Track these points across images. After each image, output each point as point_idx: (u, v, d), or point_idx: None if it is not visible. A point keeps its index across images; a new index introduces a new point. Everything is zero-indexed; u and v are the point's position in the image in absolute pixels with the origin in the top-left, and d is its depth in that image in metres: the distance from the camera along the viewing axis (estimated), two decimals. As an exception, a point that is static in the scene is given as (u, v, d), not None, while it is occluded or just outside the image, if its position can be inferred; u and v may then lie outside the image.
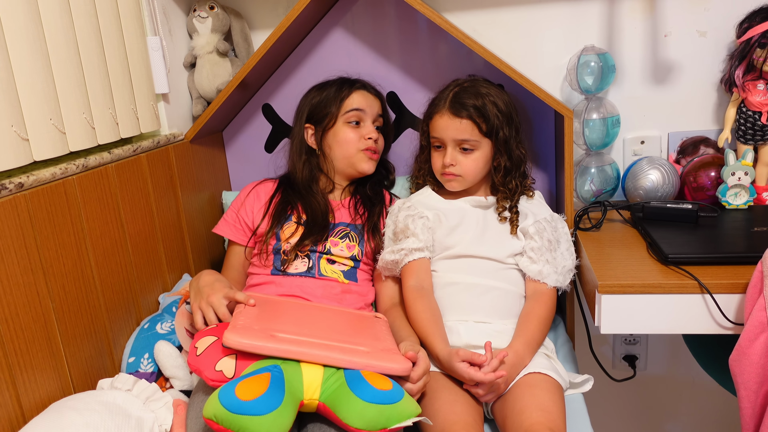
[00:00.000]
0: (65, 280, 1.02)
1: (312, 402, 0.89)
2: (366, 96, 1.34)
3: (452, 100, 1.18)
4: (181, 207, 1.39)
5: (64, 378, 1.01)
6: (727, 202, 1.32)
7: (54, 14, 1.03)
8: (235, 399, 0.80)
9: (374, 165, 1.34)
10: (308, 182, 1.34)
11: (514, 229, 1.18)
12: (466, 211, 1.22)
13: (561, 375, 1.07)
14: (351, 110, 1.31)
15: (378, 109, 1.35)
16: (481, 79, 1.23)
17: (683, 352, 1.63)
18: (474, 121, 1.16)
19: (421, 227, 1.19)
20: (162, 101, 1.38)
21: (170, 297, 1.26)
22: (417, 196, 1.28)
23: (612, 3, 1.42)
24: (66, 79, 1.06)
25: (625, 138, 1.49)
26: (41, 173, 0.98)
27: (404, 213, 1.22)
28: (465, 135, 1.17)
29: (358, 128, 1.32)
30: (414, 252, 1.18)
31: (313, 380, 0.90)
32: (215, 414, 0.80)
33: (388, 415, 0.85)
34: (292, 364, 0.91)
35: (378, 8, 1.48)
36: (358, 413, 0.85)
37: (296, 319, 1.03)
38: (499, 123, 1.17)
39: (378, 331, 1.07)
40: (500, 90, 1.22)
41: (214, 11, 1.46)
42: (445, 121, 1.18)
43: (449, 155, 1.19)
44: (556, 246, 1.18)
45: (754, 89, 1.32)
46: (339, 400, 0.87)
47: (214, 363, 0.92)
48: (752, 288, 0.99)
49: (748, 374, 1.00)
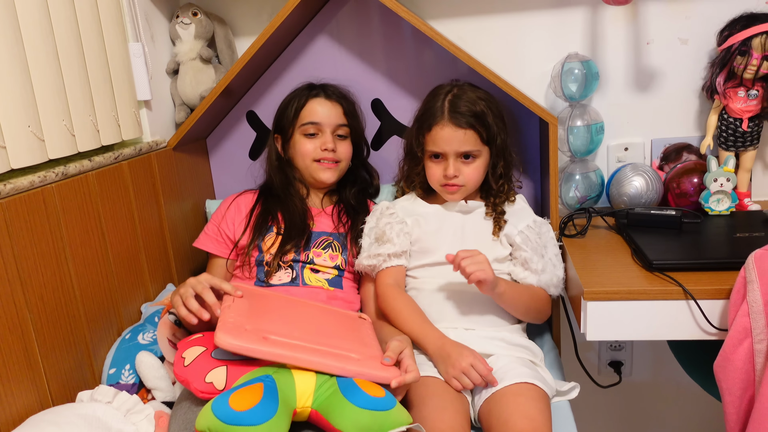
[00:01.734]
0: (43, 290, 1.00)
1: (304, 410, 0.89)
2: (324, 105, 1.31)
3: (451, 110, 1.16)
4: (164, 215, 1.38)
5: (42, 390, 0.98)
6: (709, 208, 1.33)
7: (33, 20, 1.02)
8: (229, 410, 0.79)
9: (334, 174, 1.32)
10: (285, 187, 1.35)
11: (496, 230, 1.18)
12: (446, 215, 1.22)
13: (547, 383, 1.07)
14: (306, 123, 1.31)
15: (338, 117, 1.32)
16: (466, 85, 1.23)
17: (669, 358, 1.64)
18: (476, 130, 1.16)
19: (398, 233, 1.20)
20: (144, 108, 1.36)
21: (153, 307, 1.24)
22: (402, 202, 1.27)
23: (595, 11, 1.43)
24: (45, 86, 1.04)
25: (609, 145, 1.50)
26: (19, 181, 0.96)
27: (385, 219, 1.22)
28: (468, 146, 1.16)
29: (315, 139, 1.31)
30: (391, 258, 1.19)
31: (305, 388, 0.89)
32: (209, 426, 0.79)
33: (381, 421, 0.85)
34: (283, 373, 0.90)
35: (363, 15, 1.48)
36: (352, 419, 0.84)
37: (286, 318, 1.02)
38: (497, 129, 1.18)
39: (364, 335, 1.06)
40: (488, 94, 1.22)
41: (197, 17, 1.44)
42: (447, 133, 1.16)
43: (452, 166, 1.17)
44: (544, 252, 1.18)
45: (734, 96, 1.33)
46: (332, 407, 0.86)
47: (204, 374, 0.91)
48: (735, 294, 0.99)
49: (732, 380, 1.00)
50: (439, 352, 1.06)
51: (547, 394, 1.04)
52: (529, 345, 1.15)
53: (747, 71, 1.29)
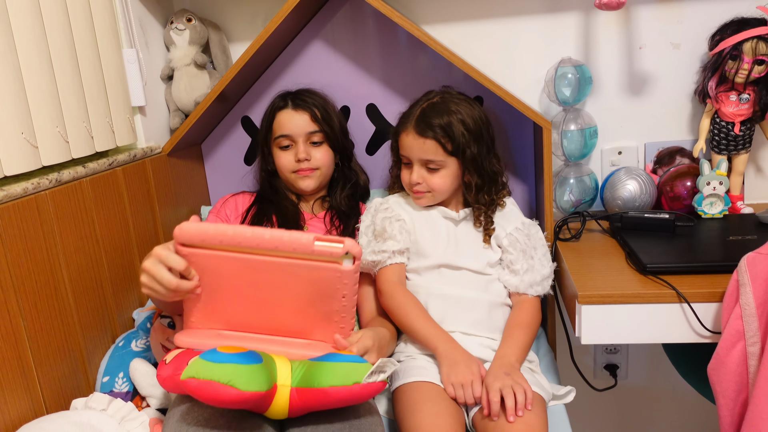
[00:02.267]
0: (37, 297, 0.99)
1: (284, 389, 0.88)
2: (291, 116, 1.31)
3: (419, 118, 1.16)
4: (159, 222, 1.37)
5: (36, 398, 0.98)
6: (703, 212, 1.34)
7: (26, 27, 1.02)
8: (217, 353, 0.81)
9: (313, 181, 1.33)
10: (275, 193, 1.37)
11: (486, 238, 1.18)
12: (437, 220, 1.22)
13: (544, 388, 1.07)
14: (277, 137, 1.32)
15: (307, 125, 1.30)
16: (454, 93, 1.21)
17: (664, 361, 1.64)
18: (438, 141, 1.14)
19: (399, 229, 1.19)
20: (138, 114, 1.36)
21: (144, 312, 1.24)
22: (394, 198, 1.27)
23: (588, 15, 1.44)
24: (39, 93, 1.04)
25: (602, 149, 1.51)
26: (12, 188, 0.96)
27: (381, 215, 1.22)
28: (429, 155, 1.15)
29: (290, 150, 1.32)
30: (395, 255, 1.18)
31: (283, 368, 0.90)
32: (196, 370, 0.79)
33: (359, 370, 0.86)
34: (263, 353, 0.91)
35: (358, 20, 1.48)
36: (329, 372, 0.86)
37: (243, 299, 0.97)
38: (465, 141, 1.15)
39: (333, 295, 0.96)
40: (472, 105, 1.19)
41: (191, 23, 1.45)
42: (410, 140, 1.17)
43: (416, 173, 1.18)
44: (533, 253, 1.18)
45: (726, 100, 1.34)
46: (310, 375, 0.87)
47: (187, 360, 0.90)
48: (728, 297, 1.00)
49: (726, 382, 1.00)
50: (449, 355, 1.06)
51: (544, 399, 1.04)
52: (526, 352, 1.15)
53: (738, 75, 1.30)
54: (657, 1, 1.41)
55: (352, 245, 0.88)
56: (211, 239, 0.88)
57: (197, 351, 0.91)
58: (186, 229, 0.88)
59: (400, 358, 1.14)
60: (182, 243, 0.89)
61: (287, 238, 0.88)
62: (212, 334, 0.96)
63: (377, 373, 0.87)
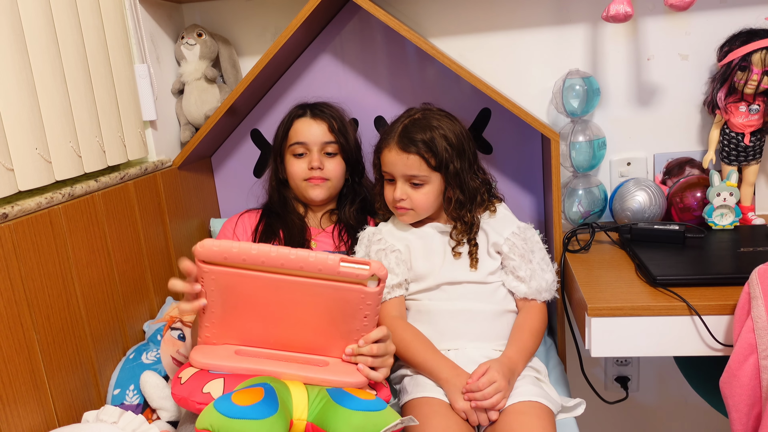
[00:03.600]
0: (50, 311, 1.00)
1: (300, 422, 0.88)
2: (309, 124, 1.32)
3: (401, 134, 1.16)
4: (170, 234, 1.39)
5: (48, 411, 0.99)
6: (713, 223, 1.33)
7: (40, 43, 1.03)
8: (232, 405, 0.79)
9: (324, 191, 1.33)
10: (283, 205, 1.37)
11: (474, 263, 1.17)
12: (432, 236, 1.21)
13: (553, 399, 1.06)
14: (292, 144, 1.32)
15: (324, 135, 1.31)
16: (435, 109, 1.21)
17: (676, 373, 1.63)
18: (422, 156, 1.14)
19: (396, 261, 1.19)
20: (150, 128, 1.38)
21: (155, 324, 1.25)
22: (386, 227, 1.26)
23: (595, 27, 1.44)
24: (52, 108, 1.05)
25: (611, 160, 1.51)
26: (26, 203, 0.97)
27: (375, 247, 1.21)
28: (413, 171, 1.15)
29: (303, 159, 1.32)
30: (394, 289, 1.18)
31: (300, 399, 0.89)
32: (211, 423, 0.78)
33: (375, 421, 0.85)
34: (279, 382, 0.90)
35: (366, 33, 1.50)
36: (346, 421, 0.84)
37: (262, 317, 0.96)
38: (448, 156, 1.14)
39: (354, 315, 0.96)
40: (453, 121, 1.19)
41: (202, 38, 1.46)
42: (393, 156, 1.16)
43: (399, 190, 1.17)
44: (531, 257, 1.18)
45: (736, 111, 1.34)
46: (327, 416, 0.86)
47: (201, 386, 0.91)
48: (740, 309, 0.99)
49: (738, 396, 0.99)
50: (455, 382, 1.05)
51: (552, 411, 1.04)
52: (533, 362, 1.14)
53: (748, 86, 1.30)
54: (664, 13, 1.41)
55: (378, 268, 0.89)
56: (234, 257, 0.88)
57: (213, 375, 0.91)
58: (208, 246, 0.87)
59: (408, 372, 1.14)
60: (203, 260, 0.88)
61: (313, 259, 0.88)
62: (228, 354, 0.93)
63: (394, 426, 0.85)
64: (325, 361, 0.96)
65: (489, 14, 1.46)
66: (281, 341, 0.97)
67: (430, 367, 1.09)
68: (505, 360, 1.07)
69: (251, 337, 0.96)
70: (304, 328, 0.95)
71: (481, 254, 1.18)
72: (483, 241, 1.19)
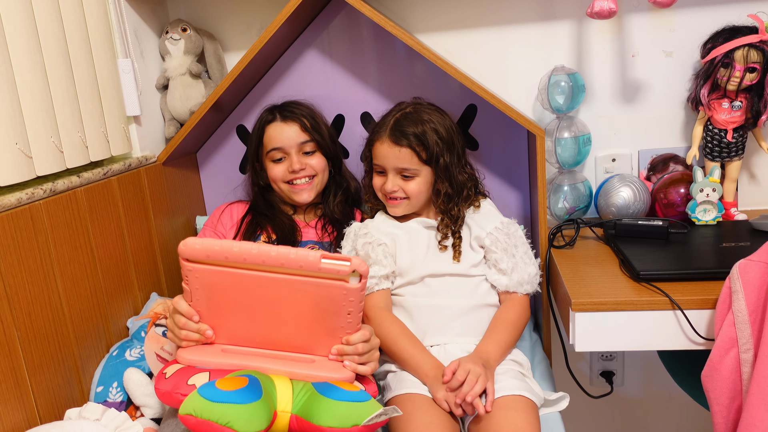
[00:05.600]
0: (31, 307, 0.99)
1: (284, 415, 0.88)
2: (281, 128, 1.32)
3: (393, 127, 1.18)
4: (154, 230, 1.38)
5: (29, 408, 0.98)
6: (696, 219, 1.35)
7: (20, 36, 1.02)
8: (215, 390, 0.80)
9: (311, 193, 1.33)
10: (270, 208, 1.37)
11: (456, 255, 1.18)
12: (418, 231, 1.22)
13: (536, 393, 1.07)
14: (270, 150, 1.32)
15: (298, 136, 1.31)
16: (425, 104, 1.23)
17: (660, 368, 1.64)
18: (413, 149, 1.16)
19: (383, 254, 1.20)
20: (134, 123, 1.37)
21: (138, 321, 1.24)
22: (372, 223, 1.27)
23: (580, 24, 1.45)
24: (33, 103, 1.04)
25: (596, 156, 1.51)
26: (6, 198, 0.96)
27: (362, 240, 1.22)
28: (405, 164, 1.17)
29: (283, 162, 1.32)
30: (382, 281, 1.18)
31: (284, 392, 0.89)
32: (194, 407, 0.78)
33: (359, 411, 0.85)
34: (264, 376, 0.90)
35: (353, 29, 1.49)
36: (330, 412, 0.85)
37: (247, 315, 0.96)
38: (439, 150, 1.17)
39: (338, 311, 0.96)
40: (443, 115, 1.22)
41: (186, 33, 1.45)
42: (385, 149, 1.18)
43: (390, 182, 1.19)
44: (515, 251, 1.19)
45: (719, 107, 1.35)
46: (311, 407, 0.87)
47: (186, 379, 0.90)
48: (721, 304, 1.00)
49: (719, 389, 1.01)
50: (436, 375, 1.05)
51: (535, 404, 1.04)
52: (516, 355, 1.15)
53: (730, 83, 1.31)
54: (649, 10, 1.42)
55: (359, 264, 0.89)
56: (216, 255, 0.88)
57: (198, 369, 0.91)
58: (191, 244, 0.88)
59: (392, 368, 1.14)
60: (186, 258, 0.89)
61: (294, 256, 0.88)
62: (215, 351, 0.94)
63: (378, 416, 0.85)
64: (312, 359, 0.97)
65: (475, 11, 1.46)
66: (267, 340, 0.97)
67: (414, 364, 1.09)
68: (476, 352, 1.08)
69: (237, 336, 0.96)
70: (290, 326, 0.95)
71: (464, 247, 1.19)
72: (466, 234, 1.21)
